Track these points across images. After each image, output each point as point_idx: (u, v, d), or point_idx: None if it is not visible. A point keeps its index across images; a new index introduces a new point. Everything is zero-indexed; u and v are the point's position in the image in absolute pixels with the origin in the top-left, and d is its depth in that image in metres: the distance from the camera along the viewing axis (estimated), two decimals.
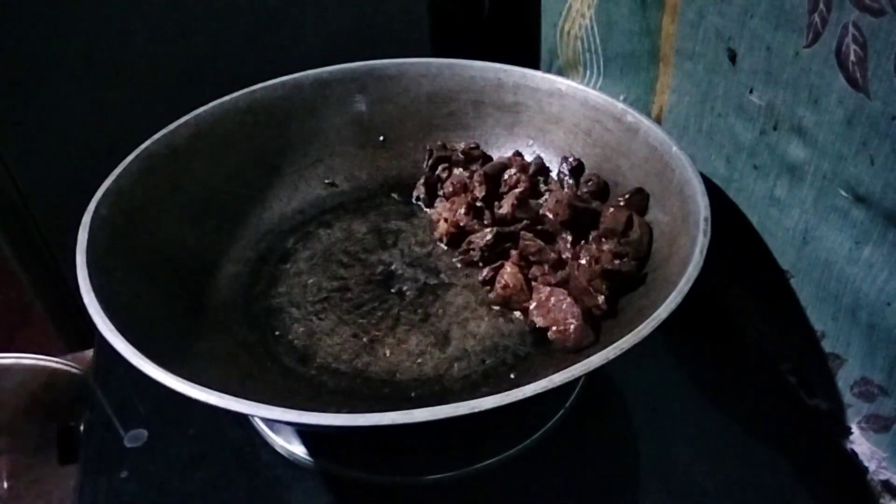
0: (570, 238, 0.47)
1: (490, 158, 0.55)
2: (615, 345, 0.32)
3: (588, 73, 0.61)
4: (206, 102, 0.52)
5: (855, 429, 0.42)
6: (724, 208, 0.47)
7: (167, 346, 0.38)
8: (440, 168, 0.55)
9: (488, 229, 0.48)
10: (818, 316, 0.43)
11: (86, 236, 0.40)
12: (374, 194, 0.57)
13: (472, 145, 0.55)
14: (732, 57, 0.44)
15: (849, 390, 0.42)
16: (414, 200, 0.55)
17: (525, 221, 0.48)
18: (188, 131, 0.50)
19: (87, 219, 0.41)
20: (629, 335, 0.33)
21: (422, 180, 0.55)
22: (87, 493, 0.41)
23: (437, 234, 0.52)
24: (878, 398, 0.40)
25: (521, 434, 0.42)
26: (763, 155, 0.44)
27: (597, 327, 0.42)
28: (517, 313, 0.45)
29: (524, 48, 0.70)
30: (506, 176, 0.51)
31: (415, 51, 0.68)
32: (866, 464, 0.41)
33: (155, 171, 0.47)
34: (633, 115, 0.49)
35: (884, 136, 0.34)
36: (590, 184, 0.50)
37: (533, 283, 0.45)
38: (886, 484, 0.41)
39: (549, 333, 0.42)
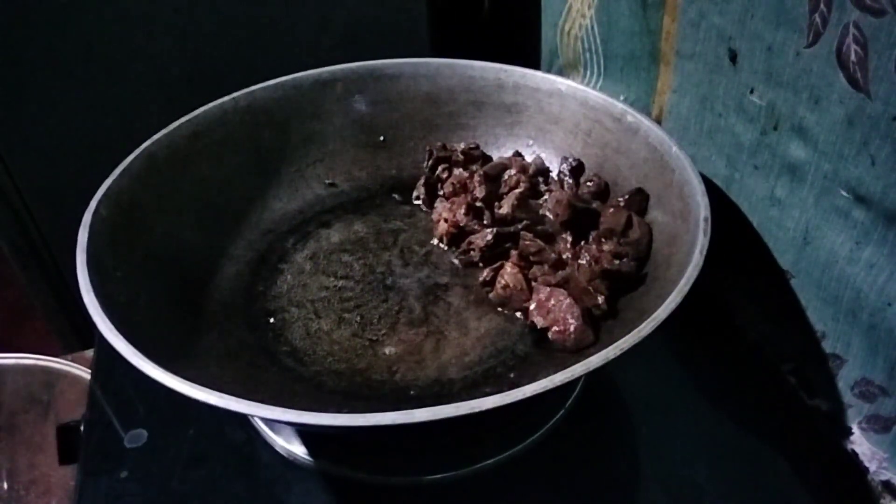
0: (570, 238, 0.47)
1: (490, 158, 0.55)
2: (615, 345, 0.32)
3: (588, 73, 0.61)
4: (206, 102, 0.52)
5: (855, 429, 0.42)
6: (724, 208, 0.47)
7: (167, 346, 0.38)
8: (440, 168, 0.55)
9: (488, 229, 0.48)
10: (818, 316, 0.43)
11: (86, 236, 0.40)
12: (374, 194, 0.57)
13: (472, 145, 0.55)
14: (733, 57, 0.44)
15: (849, 391, 0.42)
16: (414, 200, 0.55)
17: (525, 221, 0.48)
18: (188, 131, 0.50)
19: (87, 219, 0.41)
20: (629, 335, 0.33)
21: (422, 180, 0.55)
22: (87, 493, 0.41)
23: (437, 234, 0.51)
24: (879, 399, 0.40)
25: (521, 434, 0.42)
26: (763, 155, 0.44)
27: (597, 327, 0.42)
28: (517, 313, 0.45)
29: (524, 48, 0.70)
30: (506, 176, 0.51)
31: (415, 51, 0.69)
32: (867, 464, 0.41)
33: (155, 171, 0.47)
34: (633, 115, 0.49)
35: (884, 136, 0.34)
36: (590, 184, 0.50)
37: (533, 284, 0.45)
38: (887, 484, 0.41)
39: (549, 333, 0.42)
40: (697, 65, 0.47)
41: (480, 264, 0.48)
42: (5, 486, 0.61)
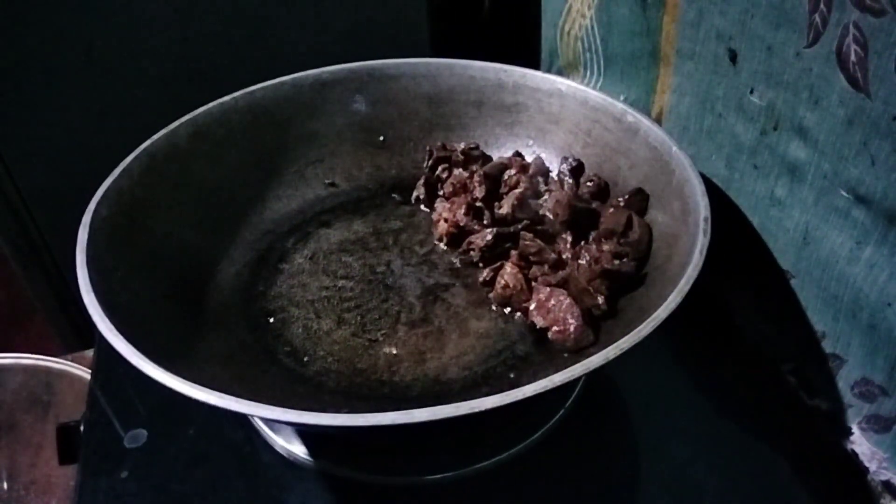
0: (570, 238, 0.47)
1: (490, 158, 0.55)
2: (615, 345, 0.32)
3: (588, 73, 0.61)
4: (206, 102, 0.52)
5: (855, 429, 0.42)
6: (724, 208, 0.47)
7: (167, 346, 0.38)
8: (440, 168, 0.55)
9: (488, 229, 0.48)
10: (819, 316, 0.43)
11: (86, 236, 0.40)
12: (374, 194, 0.57)
13: (472, 145, 0.55)
14: (733, 57, 0.44)
15: (849, 391, 0.42)
16: (414, 200, 0.55)
17: (525, 221, 0.48)
18: (188, 131, 0.50)
19: (87, 218, 0.41)
20: (629, 335, 0.33)
21: (422, 180, 0.55)
22: (87, 493, 0.41)
23: (437, 234, 0.51)
24: (879, 399, 0.40)
25: (521, 434, 0.42)
26: (763, 155, 0.44)
27: (597, 327, 0.42)
28: (517, 313, 0.45)
29: (524, 48, 0.70)
30: (506, 176, 0.51)
31: (415, 51, 0.69)
32: (867, 464, 0.41)
33: (155, 171, 0.47)
34: (633, 115, 0.49)
35: (884, 136, 0.34)
36: (590, 184, 0.50)
37: (533, 284, 0.45)
38: (887, 484, 0.41)
39: (549, 333, 0.42)
40: (697, 65, 0.47)
41: (480, 264, 0.48)
42: (5, 486, 0.61)
